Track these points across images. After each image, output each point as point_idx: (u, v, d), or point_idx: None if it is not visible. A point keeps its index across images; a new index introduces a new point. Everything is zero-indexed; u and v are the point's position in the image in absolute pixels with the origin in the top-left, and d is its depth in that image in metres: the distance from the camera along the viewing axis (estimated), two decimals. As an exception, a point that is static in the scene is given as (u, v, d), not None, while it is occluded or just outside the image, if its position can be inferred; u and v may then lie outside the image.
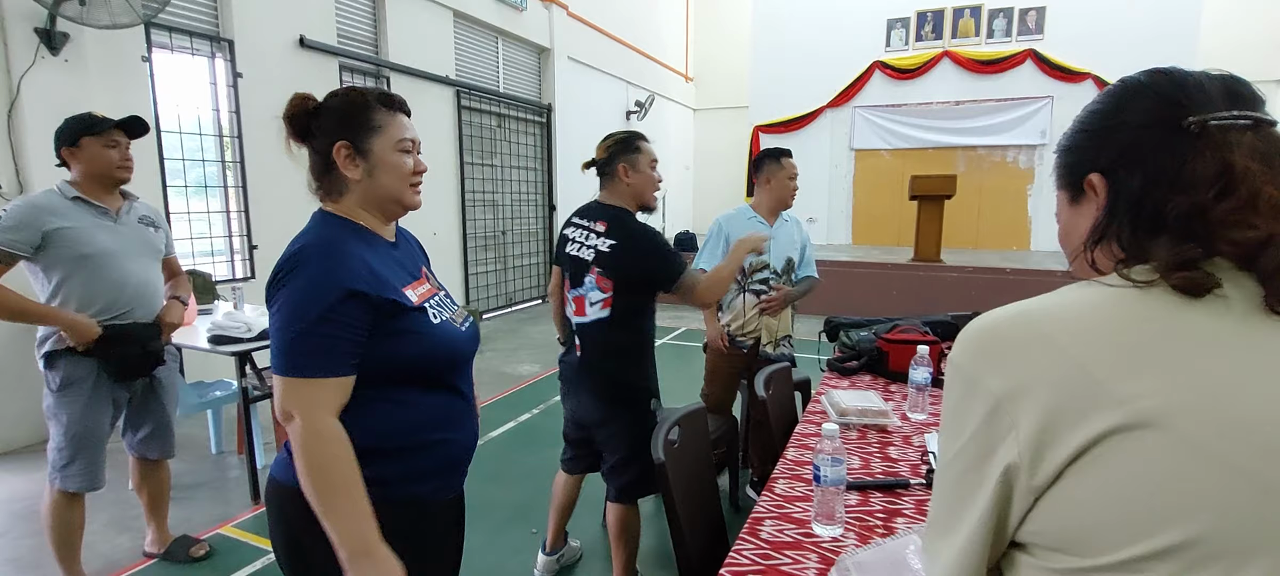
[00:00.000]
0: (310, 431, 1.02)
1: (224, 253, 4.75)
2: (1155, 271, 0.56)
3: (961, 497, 0.61)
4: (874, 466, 1.62)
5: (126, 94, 3.93)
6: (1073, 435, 0.53)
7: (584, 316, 2.02)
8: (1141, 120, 0.62)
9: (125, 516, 2.79)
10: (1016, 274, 6.92)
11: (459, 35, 6.86)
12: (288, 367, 1.02)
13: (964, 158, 9.75)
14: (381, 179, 1.16)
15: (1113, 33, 8.57)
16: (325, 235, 1.11)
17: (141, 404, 2.31)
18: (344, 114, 1.15)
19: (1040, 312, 0.59)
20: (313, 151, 1.17)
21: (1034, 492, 0.57)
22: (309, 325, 1.02)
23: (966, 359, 0.62)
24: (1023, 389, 0.56)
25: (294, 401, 1.02)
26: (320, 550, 1.04)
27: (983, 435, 0.59)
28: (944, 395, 0.65)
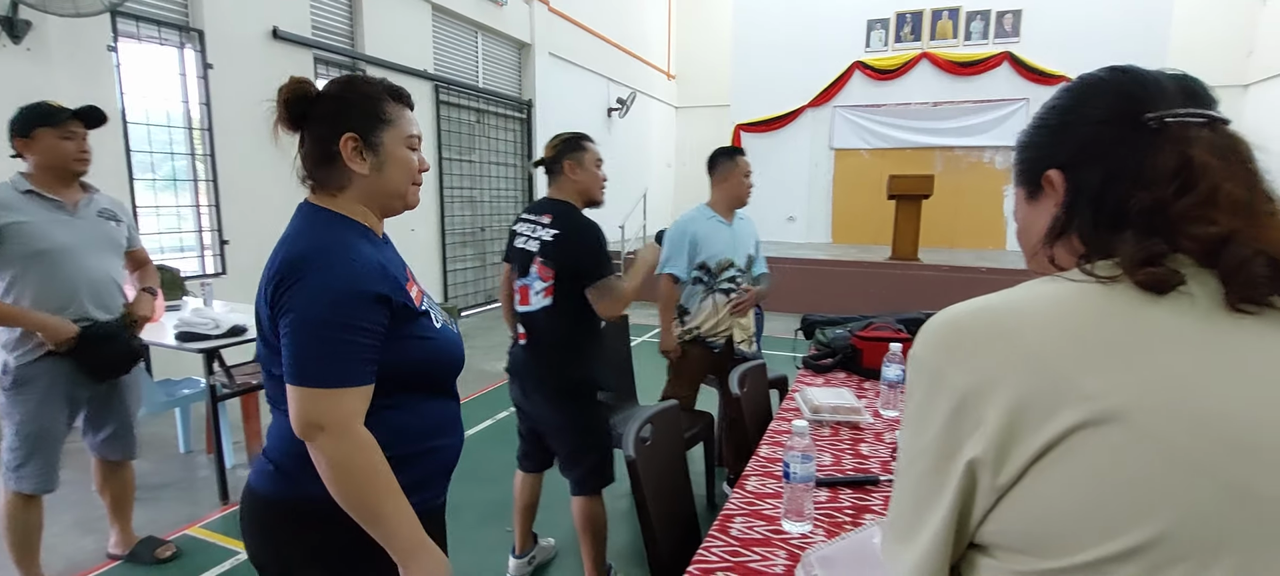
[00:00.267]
0: (350, 443, 0.97)
1: (194, 248, 4.65)
2: (1119, 267, 0.56)
3: (925, 497, 0.60)
4: (845, 463, 1.63)
5: (92, 84, 3.83)
6: (1038, 432, 0.52)
7: (529, 305, 2.06)
8: (1101, 115, 0.62)
9: (89, 517, 2.72)
10: (991, 273, 7.03)
11: (437, 29, 6.79)
12: (315, 378, 0.96)
13: (941, 158, 9.87)
14: (389, 174, 1.10)
15: (1086, 37, 8.71)
16: (336, 236, 1.05)
17: (103, 403, 2.25)
18: (354, 105, 1.09)
19: (1004, 307, 0.58)
20: (311, 140, 1.09)
21: (998, 491, 0.56)
22: (336, 332, 0.97)
23: (930, 354, 0.61)
24: (988, 384, 0.55)
25: (324, 414, 0.96)
26: (315, 566, 1.04)
27: (947, 432, 0.58)
28: (907, 391, 0.64)
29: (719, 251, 2.71)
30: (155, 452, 3.39)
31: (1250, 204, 0.55)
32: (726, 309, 2.75)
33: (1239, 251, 0.53)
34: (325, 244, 1.03)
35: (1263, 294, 0.52)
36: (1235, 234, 0.54)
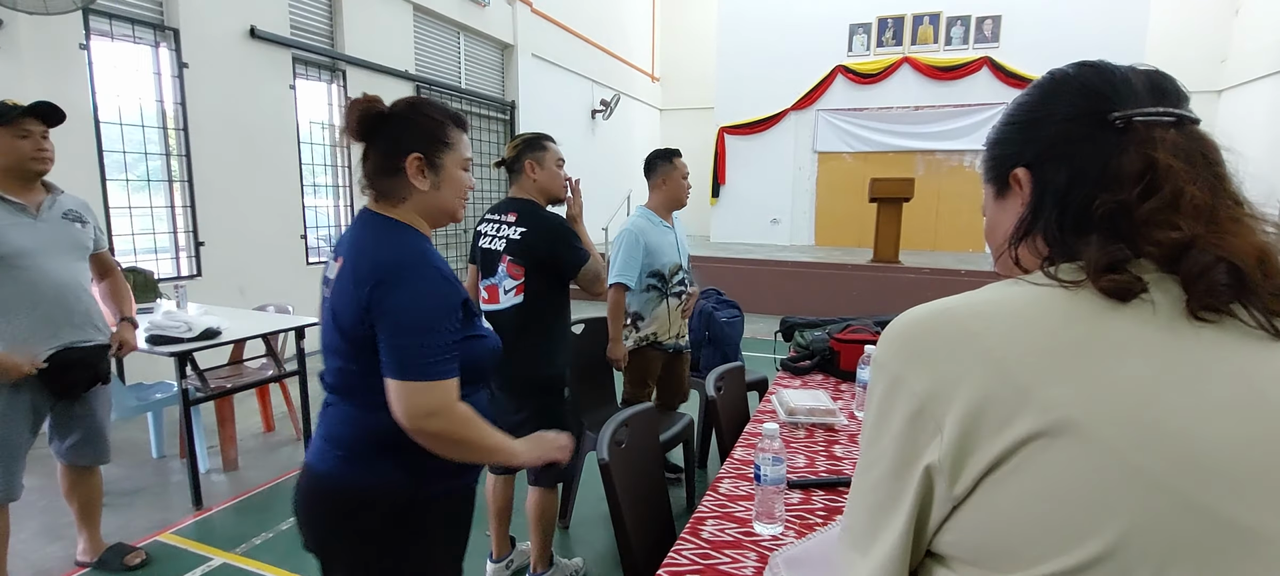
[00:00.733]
0: (457, 419, 1.14)
1: (168, 249, 4.57)
2: (1082, 272, 0.55)
3: (882, 503, 0.59)
4: (819, 464, 1.63)
5: (63, 83, 3.76)
6: (994, 440, 0.51)
7: (497, 304, 2.09)
8: (1067, 113, 0.61)
9: (57, 524, 2.67)
10: (971, 275, 7.11)
11: (419, 29, 6.75)
12: (423, 374, 1.09)
13: (922, 161, 9.97)
14: (446, 192, 1.23)
15: (1064, 43, 8.83)
16: (418, 244, 1.18)
17: (67, 410, 2.20)
18: (421, 126, 1.20)
19: (964, 310, 0.57)
20: (377, 154, 1.19)
21: (953, 501, 0.55)
22: (436, 335, 1.11)
23: (889, 357, 0.59)
24: (947, 390, 0.54)
25: (434, 403, 1.11)
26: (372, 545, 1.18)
27: (905, 438, 0.56)
28: (867, 394, 0.63)
29: (670, 257, 2.74)
30: (127, 458, 3.33)
31: (1213, 209, 0.54)
32: (677, 310, 2.79)
33: (1200, 258, 0.52)
34: (415, 252, 1.16)
35: (1223, 301, 0.51)
36: (1197, 240, 0.52)
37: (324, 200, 5.91)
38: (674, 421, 2.77)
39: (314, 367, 4.19)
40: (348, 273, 1.15)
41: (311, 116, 5.63)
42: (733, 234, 10.98)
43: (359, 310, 1.11)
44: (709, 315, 3.26)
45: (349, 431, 1.19)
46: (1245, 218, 0.55)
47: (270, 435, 3.72)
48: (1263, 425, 0.49)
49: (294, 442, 3.59)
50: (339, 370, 1.18)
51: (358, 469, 1.17)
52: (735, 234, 10.95)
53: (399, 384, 1.09)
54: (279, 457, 3.42)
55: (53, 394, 2.11)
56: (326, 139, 5.83)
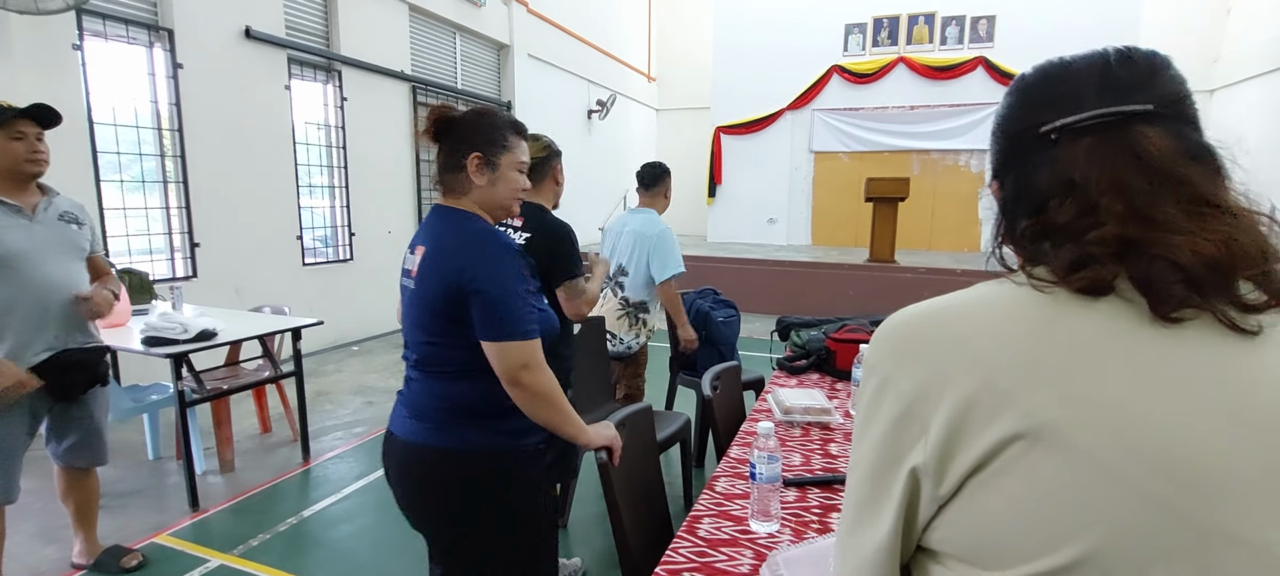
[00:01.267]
0: (546, 375, 1.30)
1: (163, 250, 4.56)
2: (1054, 275, 0.55)
3: (869, 500, 0.60)
4: (815, 463, 1.64)
5: (56, 84, 3.74)
6: (975, 443, 0.52)
7: None
8: (1014, 128, 0.62)
9: (53, 526, 2.66)
10: (967, 274, 7.13)
11: (415, 29, 6.74)
12: (519, 333, 1.27)
13: (918, 161, 10.00)
14: (500, 189, 1.39)
15: (1058, 42, 8.86)
16: (489, 227, 1.36)
17: (64, 412, 2.20)
18: (483, 130, 1.37)
19: (953, 312, 0.58)
20: (445, 152, 1.38)
21: (938, 501, 0.56)
22: (522, 298, 1.29)
23: (879, 357, 0.60)
24: (934, 391, 0.55)
25: (528, 357, 1.28)
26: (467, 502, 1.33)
27: (893, 437, 0.57)
28: (858, 392, 0.63)
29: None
30: (123, 459, 3.32)
31: (1144, 212, 0.53)
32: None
33: (1140, 262, 0.52)
34: (487, 231, 1.34)
35: (1176, 304, 0.50)
36: (1137, 243, 0.52)
37: (320, 201, 5.90)
38: (671, 421, 2.78)
39: (310, 369, 4.19)
40: (432, 257, 1.32)
41: (307, 117, 5.62)
42: (729, 233, 10.99)
43: (448, 287, 1.28)
44: (706, 315, 3.27)
45: (433, 403, 1.35)
46: (1208, 214, 0.53)
47: (267, 436, 3.72)
48: (1241, 427, 0.48)
49: (291, 443, 3.58)
50: (424, 346, 1.35)
51: (448, 435, 1.33)
52: (732, 233, 10.97)
53: (496, 344, 1.27)
54: (276, 459, 3.42)
55: (51, 396, 2.11)
56: (322, 139, 5.82)
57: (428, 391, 1.36)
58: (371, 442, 3.67)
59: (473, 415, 1.33)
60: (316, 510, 2.89)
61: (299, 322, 3.26)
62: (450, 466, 1.34)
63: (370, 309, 6.15)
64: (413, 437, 1.36)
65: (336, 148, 5.89)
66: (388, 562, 2.50)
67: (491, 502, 1.35)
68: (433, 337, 1.33)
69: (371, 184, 6.21)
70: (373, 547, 2.60)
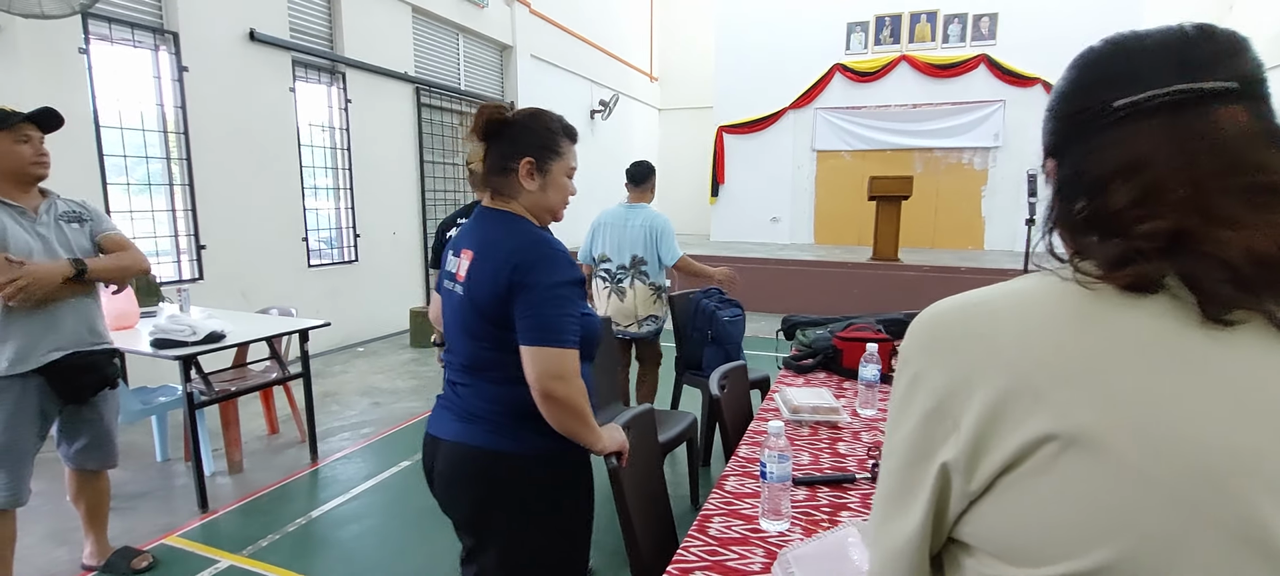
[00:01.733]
0: (578, 386, 1.28)
1: (170, 253, 4.58)
2: (1100, 269, 0.52)
3: (902, 490, 0.59)
4: (823, 462, 1.65)
5: (62, 87, 3.76)
6: (1007, 442, 0.51)
7: None
8: (1079, 104, 0.58)
9: (63, 528, 2.67)
10: (971, 272, 7.13)
11: (418, 31, 6.75)
12: (557, 341, 1.25)
13: (921, 159, 10.00)
14: (550, 195, 1.38)
15: (1061, 40, 8.84)
16: (542, 233, 1.35)
17: (75, 414, 2.21)
18: (536, 134, 1.36)
19: (988, 306, 0.56)
20: (495, 154, 1.36)
21: (969, 497, 0.55)
22: (568, 307, 1.28)
23: (913, 350, 0.59)
24: (965, 387, 0.53)
25: (563, 366, 1.26)
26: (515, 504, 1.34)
27: (924, 432, 0.57)
28: (893, 385, 0.62)
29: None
30: (132, 461, 3.33)
31: (1207, 200, 0.50)
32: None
33: (1188, 259, 0.49)
34: (543, 237, 1.33)
35: (1226, 306, 0.48)
36: (1189, 237, 0.49)
37: (325, 203, 5.91)
38: (678, 420, 2.79)
39: (317, 370, 4.21)
40: (483, 261, 1.31)
41: (311, 119, 5.63)
42: (732, 233, 10.99)
43: (500, 291, 1.28)
44: (711, 314, 3.28)
45: (488, 406, 1.35)
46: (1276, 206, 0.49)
47: (274, 437, 3.73)
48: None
49: (298, 445, 3.60)
50: (473, 352, 1.35)
51: (504, 438, 1.33)
52: (735, 233, 10.97)
53: (534, 349, 1.25)
54: (284, 460, 3.43)
55: (61, 398, 2.12)
56: (326, 141, 5.84)
57: (479, 395, 1.36)
58: (379, 443, 3.68)
59: (528, 417, 1.31)
60: (325, 510, 2.90)
61: (307, 324, 3.28)
62: (503, 467, 1.34)
63: (376, 310, 6.17)
64: (464, 440, 1.36)
65: (341, 149, 5.91)
66: (396, 562, 2.51)
67: (544, 503, 1.37)
68: (485, 344, 1.33)
69: (376, 185, 6.23)
70: (381, 548, 2.61)
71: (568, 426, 1.31)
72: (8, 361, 1.98)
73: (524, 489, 1.36)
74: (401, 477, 3.25)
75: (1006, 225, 9.55)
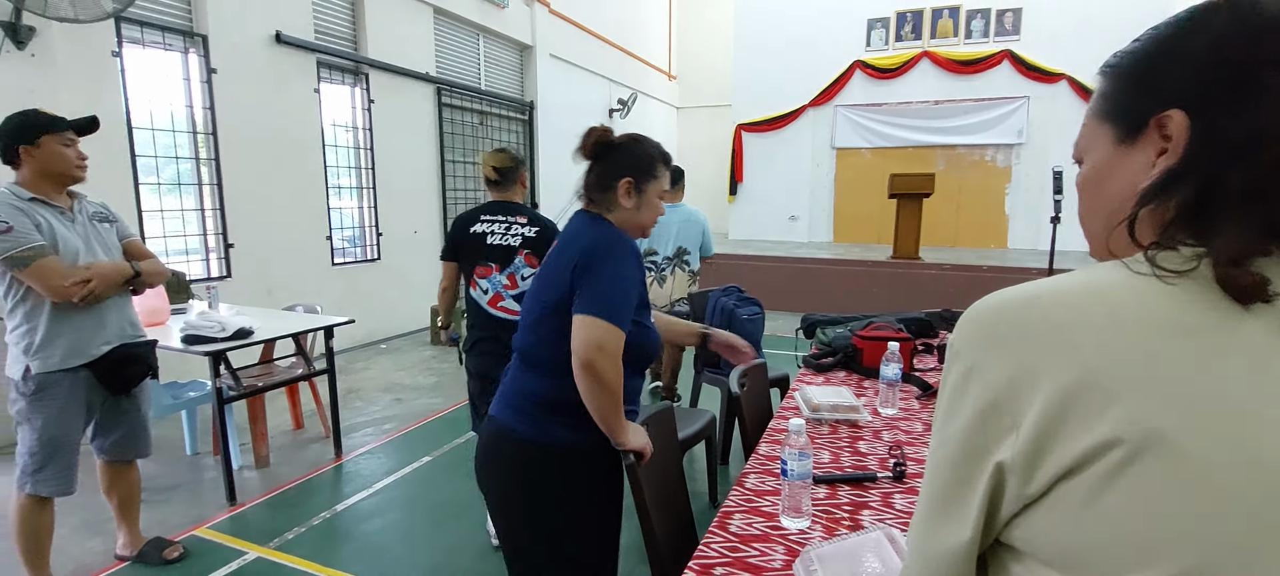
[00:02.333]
0: (616, 368, 1.34)
1: (199, 251, 4.68)
2: (1193, 261, 0.47)
3: (952, 490, 0.55)
4: (844, 460, 1.65)
5: (96, 90, 3.86)
6: (1070, 444, 0.47)
7: (518, 288, 2.53)
8: (1228, 52, 0.48)
9: (96, 519, 2.75)
10: (994, 271, 7.03)
11: (439, 32, 6.82)
12: (608, 315, 1.33)
13: (943, 156, 9.87)
14: (643, 213, 1.51)
15: (1087, 35, 8.71)
16: (622, 233, 1.47)
17: (114, 406, 2.28)
18: (639, 158, 1.50)
19: (1053, 299, 0.51)
20: (599, 170, 1.50)
21: (1024, 500, 0.51)
22: (626, 289, 1.38)
23: (967, 343, 0.54)
24: (1026, 384, 0.49)
25: (606, 340, 1.33)
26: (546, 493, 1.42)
27: (977, 429, 0.53)
28: (942, 379, 0.58)
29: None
30: (163, 455, 3.42)
31: None
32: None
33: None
34: (620, 237, 1.45)
35: None
36: None
37: (348, 202, 6.00)
38: (696, 418, 2.79)
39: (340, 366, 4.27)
40: (562, 247, 1.45)
41: (335, 119, 5.72)
42: (751, 231, 10.95)
43: (565, 275, 1.38)
44: (730, 312, 3.28)
45: (526, 394, 1.46)
46: None
47: (299, 432, 3.80)
48: None
49: (323, 440, 3.66)
50: (529, 343, 1.46)
51: (532, 426, 1.43)
52: (753, 231, 10.93)
53: (585, 317, 1.33)
54: (308, 454, 3.50)
55: (109, 389, 2.20)
56: (350, 142, 5.92)
57: (522, 383, 1.47)
58: (400, 439, 3.74)
59: (558, 411, 1.41)
60: (349, 504, 2.95)
61: (332, 321, 3.33)
62: (527, 454, 1.43)
63: (397, 308, 6.25)
64: (498, 420, 1.48)
65: (364, 149, 5.99)
66: (417, 556, 2.55)
67: (564, 501, 1.44)
68: (538, 335, 1.43)
69: (398, 185, 6.31)
70: (403, 541, 2.65)
71: (599, 405, 1.36)
72: (60, 356, 2.06)
73: (545, 480, 1.43)
74: (422, 473, 3.29)
75: (1030, 223, 9.39)
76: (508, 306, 2.52)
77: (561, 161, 8.86)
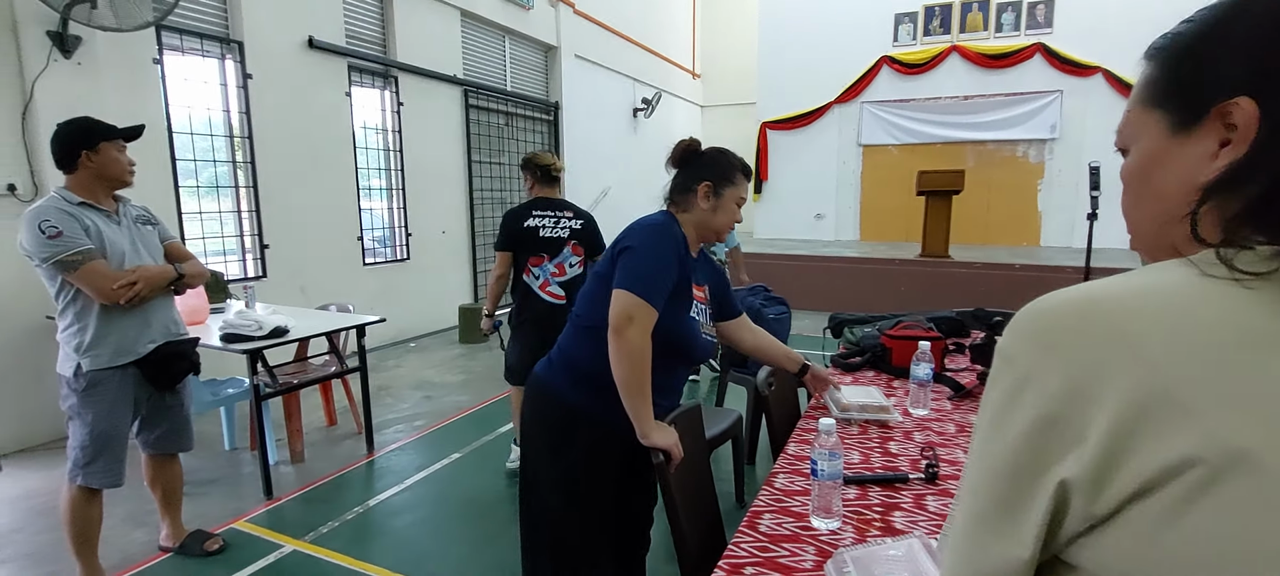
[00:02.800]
0: (644, 340, 1.44)
1: (236, 251, 4.81)
2: (1274, 261, 0.44)
3: (1005, 505, 0.50)
4: (874, 461, 1.63)
5: (139, 96, 3.99)
6: (1143, 462, 0.43)
7: (564, 276, 2.92)
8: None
9: (141, 511, 2.84)
10: (1026, 270, 6.88)
11: (466, 34, 6.90)
12: (641, 290, 1.44)
13: (973, 152, 9.69)
14: (719, 215, 1.63)
15: (1123, 25, 8.47)
16: (670, 224, 1.59)
17: (159, 401, 2.36)
18: (718, 165, 1.63)
19: (1116, 303, 0.47)
20: (682, 175, 1.66)
21: (1090, 519, 0.47)
22: (660, 267, 1.49)
23: (1022, 349, 0.50)
24: (1091, 397, 0.45)
25: (638, 312, 1.43)
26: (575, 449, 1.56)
27: (1036, 441, 0.48)
28: (989, 385, 0.54)
29: None
30: (201, 449, 3.52)
31: None
32: None
33: None
34: (667, 227, 1.57)
35: None
36: None
37: (378, 203, 6.11)
38: (723, 417, 2.79)
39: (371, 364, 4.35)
40: (618, 236, 1.57)
41: (365, 122, 5.83)
42: (776, 230, 10.88)
43: (613, 252, 1.53)
44: (757, 311, 3.26)
45: (566, 357, 1.61)
46: None
47: (333, 429, 3.88)
48: None
49: (355, 436, 3.73)
50: (584, 310, 1.60)
51: (564, 383, 1.59)
52: (779, 230, 10.86)
53: (620, 291, 1.45)
54: (341, 450, 3.57)
55: (154, 386, 2.28)
56: (380, 143, 6.02)
57: (566, 344, 1.63)
58: (430, 436, 3.80)
59: (590, 377, 1.53)
60: (380, 500, 3.01)
61: (364, 320, 3.40)
62: (555, 408, 1.59)
63: (427, 306, 6.34)
64: (541, 374, 1.65)
65: (393, 151, 6.09)
66: (447, 550, 2.59)
67: (574, 458, 1.56)
68: (587, 305, 1.59)
69: (426, 185, 6.40)
70: (433, 537, 2.70)
71: (623, 375, 1.45)
72: (109, 354, 2.14)
73: (567, 440, 1.56)
74: (452, 470, 3.34)
75: (1064, 220, 9.18)
76: (554, 291, 2.90)
77: (586, 160, 8.93)
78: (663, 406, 1.58)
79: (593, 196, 9.03)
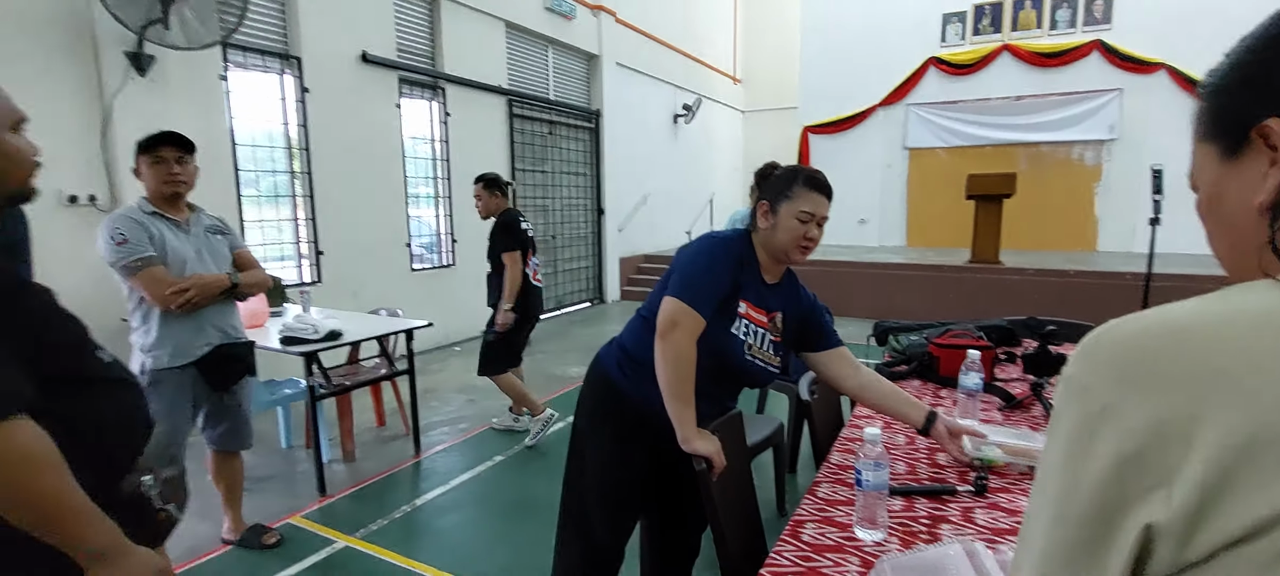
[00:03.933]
0: (688, 344, 1.48)
1: (293, 258, 5.02)
2: None
3: (1082, 548, 0.47)
4: (920, 471, 1.61)
5: (206, 111, 4.20)
6: (1243, 509, 0.40)
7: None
8: None
9: (205, 505, 2.98)
10: (1081, 276, 6.62)
11: (511, 45, 7.04)
12: (687, 297, 1.49)
13: (1025, 155, 9.38)
14: (779, 234, 1.57)
15: (1187, 19, 8.08)
16: (732, 237, 1.62)
17: (219, 401, 2.48)
18: (777, 181, 1.60)
19: (1203, 330, 0.44)
20: (761, 197, 1.64)
21: (1179, 565, 0.43)
22: (711, 278, 1.52)
23: (1098, 378, 0.47)
24: (1181, 436, 0.42)
25: (683, 317, 1.48)
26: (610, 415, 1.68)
27: (1117, 480, 0.45)
28: (1055, 416, 0.51)
29: None
30: (259, 447, 3.67)
31: None
32: None
33: None
34: (721, 237, 1.61)
35: None
36: None
37: (425, 210, 6.28)
38: (764, 425, 2.78)
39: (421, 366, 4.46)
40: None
41: (414, 132, 6.00)
42: (818, 235, 10.73)
43: (676, 260, 1.60)
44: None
45: (619, 343, 1.73)
46: None
47: (382, 429, 4.01)
48: None
49: (403, 437, 3.85)
50: (650, 305, 1.65)
51: (613, 364, 1.70)
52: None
53: (669, 298, 1.51)
54: (390, 450, 3.68)
55: (211, 386, 2.40)
56: (427, 153, 6.19)
57: (626, 331, 1.73)
58: (474, 439, 3.88)
59: (638, 364, 1.61)
60: (427, 499, 3.09)
61: (413, 324, 3.51)
62: (602, 386, 1.70)
63: (471, 311, 6.47)
64: (604, 357, 1.75)
65: (440, 160, 6.26)
66: (491, 550, 2.64)
67: (607, 435, 1.67)
68: (648, 300, 1.67)
69: (472, 194, 6.52)
70: (477, 536, 2.76)
71: (665, 376, 1.49)
72: (168, 355, 2.27)
73: (606, 413, 1.67)
74: (495, 472, 3.41)
75: (1123, 225, 8.79)
76: (540, 278, 3.84)
77: (628, 167, 8.99)
78: (703, 413, 1.58)
79: (633, 203, 9.08)
